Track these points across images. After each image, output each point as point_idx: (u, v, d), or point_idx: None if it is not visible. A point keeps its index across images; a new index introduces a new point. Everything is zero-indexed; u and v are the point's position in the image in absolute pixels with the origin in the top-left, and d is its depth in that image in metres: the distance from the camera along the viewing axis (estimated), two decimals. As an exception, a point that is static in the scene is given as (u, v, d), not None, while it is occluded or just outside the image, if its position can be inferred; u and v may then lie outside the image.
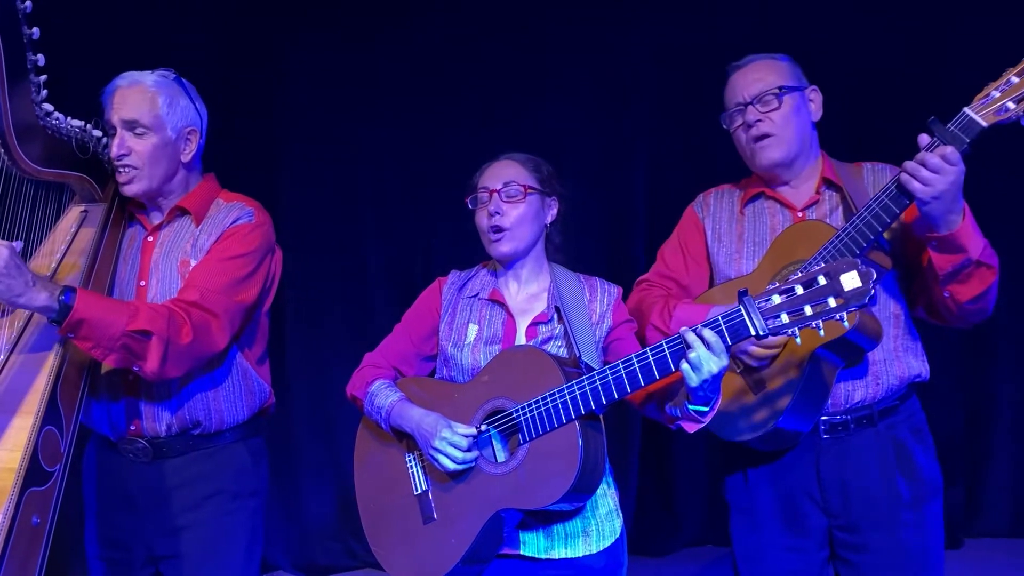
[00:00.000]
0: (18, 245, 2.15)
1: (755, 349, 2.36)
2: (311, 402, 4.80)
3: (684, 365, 2.08)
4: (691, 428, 2.23)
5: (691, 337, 2.08)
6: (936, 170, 2.19)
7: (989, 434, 4.96)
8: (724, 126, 2.55)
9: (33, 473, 1.98)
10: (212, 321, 2.34)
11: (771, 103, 2.45)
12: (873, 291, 1.95)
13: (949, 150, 2.20)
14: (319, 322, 4.78)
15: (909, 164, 2.22)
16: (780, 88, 2.45)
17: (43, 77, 2.23)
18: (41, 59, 2.21)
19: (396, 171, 4.85)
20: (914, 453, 2.44)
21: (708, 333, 2.07)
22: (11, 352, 2.15)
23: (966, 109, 2.24)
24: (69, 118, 2.33)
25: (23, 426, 2.02)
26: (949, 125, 2.24)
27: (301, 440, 4.81)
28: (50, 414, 2.07)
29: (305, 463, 4.81)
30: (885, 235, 2.35)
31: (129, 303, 2.29)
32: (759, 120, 2.45)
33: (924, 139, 2.26)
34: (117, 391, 2.41)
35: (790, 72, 2.51)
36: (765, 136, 2.46)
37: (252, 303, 2.47)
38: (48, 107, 2.26)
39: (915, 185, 2.22)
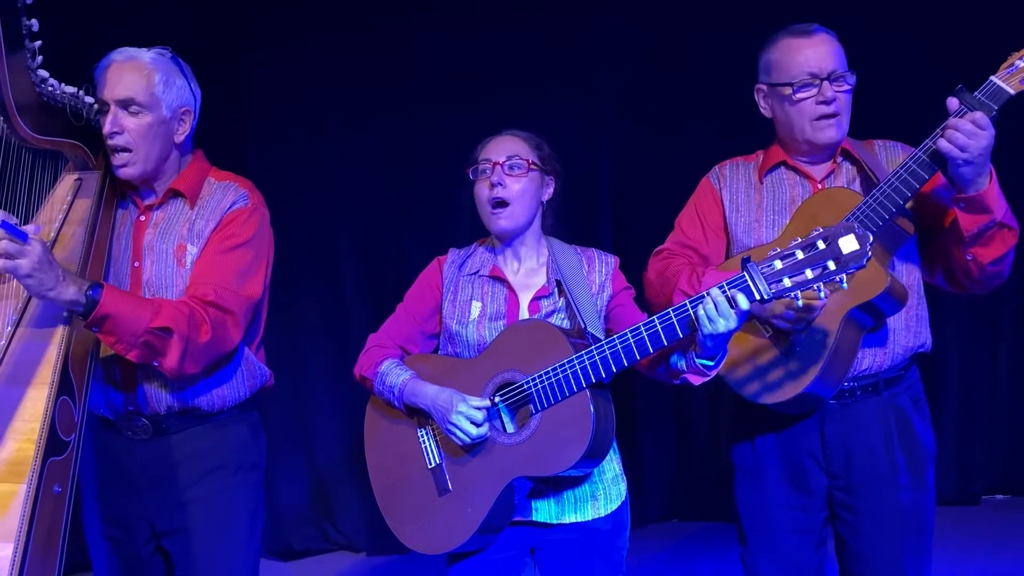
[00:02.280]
0: (35, 229, 2.11)
1: (777, 306, 2.36)
2: (283, 388, 4.74)
3: (700, 312, 2.13)
4: (696, 381, 2.29)
5: (704, 301, 2.13)
6: (969, 135, 2.24)
7: (936, 407, 5.09)
8: (793, 92, 2.46)
9: (52, 443, 1.95)
10: (227, 319, 2.33)
11: (842, 84, 2.44)
12: (869, 253, 2.00)
13: (979, 115, 2.24)
14: (291, 308, 4.74)
15: (948, 132, 2.26)
16: (851, 70, 2.46)
17: (38, 43, 2.18)
18: (35, 24, 2.16)
19: (366, 157, 4.82)
20: (913, 421, 2.52)
21: (716, 292, 2.12)
22: (18, 324, 2.12)
23: (993, 77, 2.29)
24: (63, 84, 2.28)
25: (39, 397, 1.99)
26: (976, 93, 2.29)
27: (274, 425, 4.75)
28: (63, 384, 2.04)
29: (278, 448, 4.76)
30: (907, 204, 2.40)
31: (152, 300, 2.28)
32: (835, 99, 2.43)
33: (953, 104, 2.30)
34: (116, 371, 2.38)
35: (843, 51, 2.50)
36: (835, 115, 2.45)
37: (260, 297, 2.47)
38: (43, 73, 2.22)
39: (949, 148, 2.25)
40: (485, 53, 4.79)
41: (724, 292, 2.11)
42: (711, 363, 2.22)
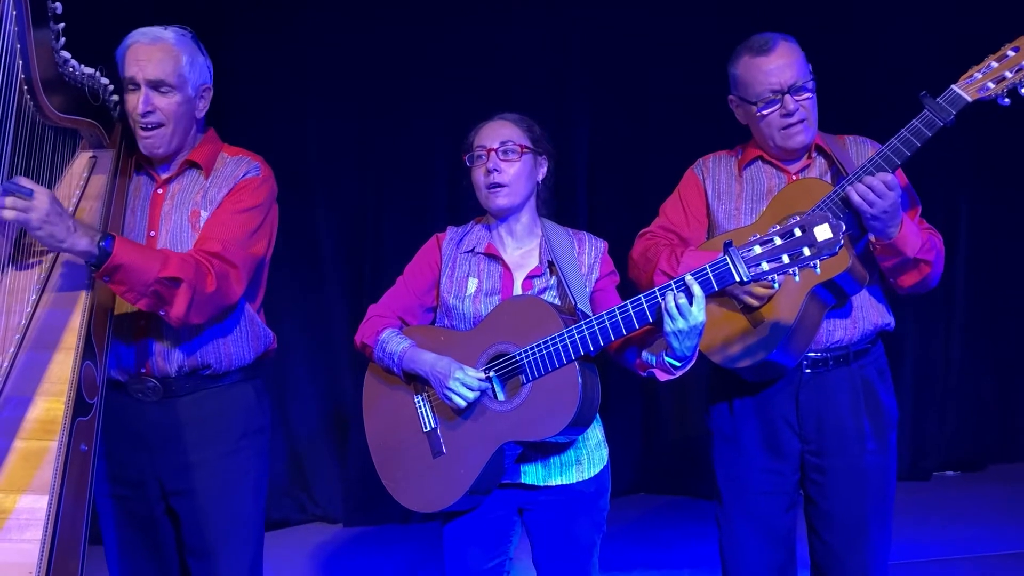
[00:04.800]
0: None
1: (756, 289, 2.56)
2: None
3: (670, 304, 2.27)
4: (662, 377, 2.44)
5: (687, 280, 2.27)
6: (880, 195, 2.46)
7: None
8: (757, 111, 2.64)
9: (79, 404, 2.05)
10: (231, 272, 2.44)
11: (803, 93, 2.61)
12: (842, 241, 2.16)
13: (889, 177, 2.47)
14: (269, 286, 4.81)
15: (860, 187, 2.48)
16: (811, 75, 2.62)
17: (61, 25, 2.26)
18: (59, 7, 2.24)
19: (346, 137, 4.91)
20: (878, 391, 2.73)
21: (690, 278, 2.26)
22: (42, 292, 2.21)
23: (953, 86, 2.50)
24: (82, 65, 2.36)
25: (64, 361, 2.09)
26: (938, 99, 2.50)
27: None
28: (87, 349, 2.14)
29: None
30: None
31: (159, 250, 2.37)
32: (797, 110, 2.60)
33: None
34: (129, 335, 2.48)
35: (803, 55, 2.65)
36: (801, 121, 2.62)
37: (263, 256, 2.58)
38: (65, 55, 2.29)
39: (860, 203, 2.47)
40: (461, 39, 4.89)
41: (700, 278, 2.26)
42: (679, 364, 2.37)
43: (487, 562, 2.59)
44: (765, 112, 2.62)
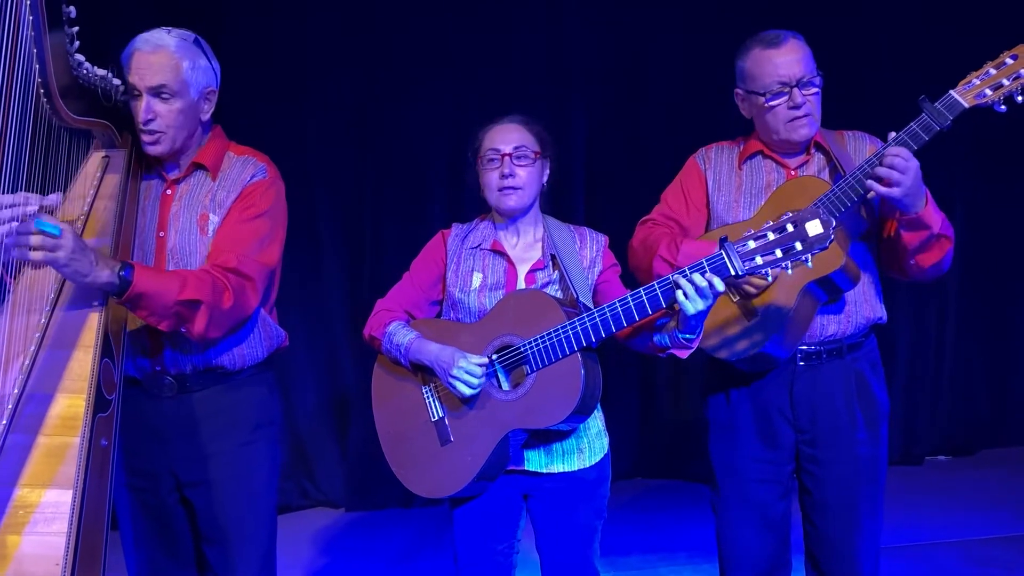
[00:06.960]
0: (56, 199, 2.26)
1: (753, 280, 2.62)
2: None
3: (680, 295, 2.36)
4: (683, 354, 2.53)
5: (681, 280, 2.36)
6: (903, 171, 2.50)
7: (885, 375, 5.37)
8: (765, 102, 2.68)
9: (98, 401, 2.11)
10: (247, 284, 2.50)
11: (811, 88, 2.66)
12: (832, 236, 2.24)
13: (904, 150, 2.51)
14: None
15: (881, 170, 2.52)
16: (818, 72, 2.67)
17: (75, 28, 2.30)
18: (73, 11, 2.29)
19: (344, 129, 4.95)
20: (871, 383, 2.81)
21: (697, 276, 2.34)
22: (60, 290, 2.25)
23: (951, 91, 2.56)
24: (95, 67, 2.40)
25: (84, 359, 2.14)
26: (936, 103, 2.55)
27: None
28: (105, 346, 2.19)
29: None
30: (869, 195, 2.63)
31: (177, 272, 2.43)
32: (804, 103, 2.65)
33: (890, 138, 2.58)
34: (144, 335, 2.53)
35: (811, 52, 2.70)
36: (806, 115, 2.67)
37: (276, 263, 2.64)
38: (80, 57, 2.33)
39: (888, 191, 2.52)
40: (458, 34, 4.93)
41: (703, 274, 2.33)
42: (692, 336, 2.46)
43: (497, 544, 2.69)
44: (773, 104, 2.67)
